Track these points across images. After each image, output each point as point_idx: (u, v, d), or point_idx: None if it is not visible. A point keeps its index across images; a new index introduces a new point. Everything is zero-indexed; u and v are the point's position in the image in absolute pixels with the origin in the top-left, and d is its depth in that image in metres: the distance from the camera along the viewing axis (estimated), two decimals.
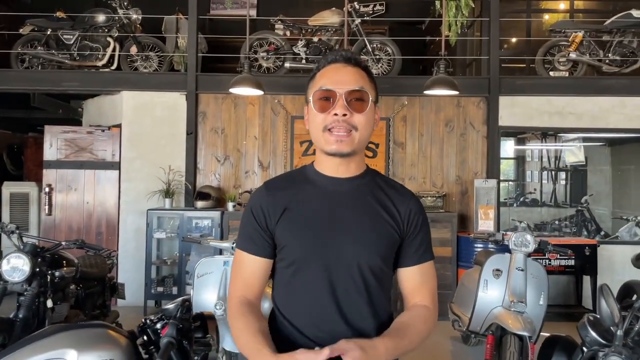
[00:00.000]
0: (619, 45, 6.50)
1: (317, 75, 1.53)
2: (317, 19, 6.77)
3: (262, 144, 6.54)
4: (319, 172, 1.55)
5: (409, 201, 1.56)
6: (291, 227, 1.49)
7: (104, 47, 6.79)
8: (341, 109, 1.45)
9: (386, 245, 1.52)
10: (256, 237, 1.51)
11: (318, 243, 1.47)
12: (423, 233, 1.57)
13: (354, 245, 1.47)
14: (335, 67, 1.51)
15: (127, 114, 6.46)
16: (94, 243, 6.31)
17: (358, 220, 1.50)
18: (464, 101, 6.46)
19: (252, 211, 1.53)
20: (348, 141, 1.45)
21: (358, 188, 1.53)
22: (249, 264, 1.52)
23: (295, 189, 1.54)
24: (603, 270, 6.12)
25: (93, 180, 6.46)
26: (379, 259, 1.50)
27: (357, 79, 1.49)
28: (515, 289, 3.78)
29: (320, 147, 1.51)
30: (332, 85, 1.47)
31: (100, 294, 4.79)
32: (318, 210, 1.50)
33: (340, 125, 1.45)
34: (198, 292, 3.94)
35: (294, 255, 1.48)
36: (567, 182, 9.72)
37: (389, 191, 1.56)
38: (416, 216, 1.55)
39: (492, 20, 6.39)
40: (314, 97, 1.48)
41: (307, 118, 1.55)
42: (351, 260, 1.47)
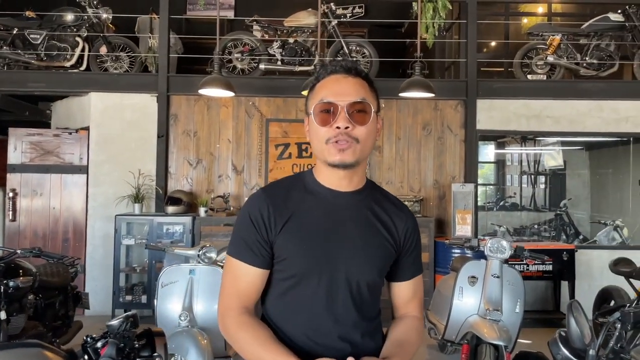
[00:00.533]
0: (596, 49, 6.47)
1: (316, 87, 1.50)
2: (292, 19, 6.63)
3: (236, 148, 6.37)
4: (319, 183, 1.52)
5: (407, 218, 1.57)
6: (293, 239, 1.45)
7: (73, 47, 6.57)
8: (343, 121, 1.42)
9: (384, 261, 1.53)
10: (255, 246, 1.46)
11: (320, 258, 1.45)
12: (417, 249, 1.61)
13: (355, 261, 1.47)
14: (336, 79, 1.48)
15: (96, 116, 6.25)
16: (60, 250, 6.15)
17: (359, 236, 1.49)
18: (442, 104, 6.37)
19: (251, 218, 1.47)
20: (350, 151, 1.43)
21: (359, 202, 1.53)
22: (246, 275, 1.47)
23: (296, 198, 1.50)
24: (581, 275, 6.06)
25: (59, 185, 6.23)
26: (376, 274, 1.51)
27: (358, 90, 1.46)
28: (490, 296, 3.68)
29: (322, 158, 1.48)
30: (333, 97, 1.44)
31: (62, 304, 4.58)
32: (321, 223, 1.47)
33: (342, 139, 1.42)
34: (162, 302, 3.76)
35: (294, 269, 1.46)
36: (547, 186, 9.73)
37: (387, 206, 1.56)
38: (413, 234, 1.58)
39: (470, 22, 6.31)
40: (315, 110, 1.45)
41: (308, 129, 1.52)
42: (351, 276, 1.46)
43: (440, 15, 6.25)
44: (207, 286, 3.70)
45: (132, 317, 1.81)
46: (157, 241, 5.80)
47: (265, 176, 6.31)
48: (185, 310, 3.62)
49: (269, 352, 1.37)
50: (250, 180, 6.35)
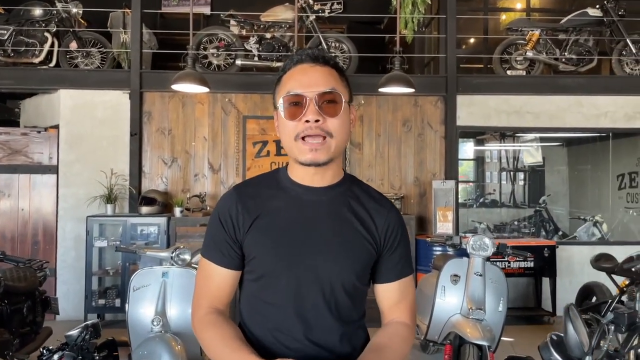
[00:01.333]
0: (575, 44, 6.45)
1: (283, 79, 1.41)
2: (269, 14, 6.49)
3: (212, 146, 6.20)
4: (292, 180, 1.43)
5: (388, 213, 1.46)
6: (262, 237, 1.38)
7: (41, 42, 6.34)
8: (313, 114, 1.32)
9: (362, 261, 1.42)
10: (224, 247, 1.40)
11: (290, 257, 1.36)
12: (402, 247, 1.47)
13: (328, 262, 1.37)
14: (302, 68, 1.38)
15: (65, 114, 6.03)
16: (30, 253, 5.92)
17: (333, 234, 1.39)
18: (422, 100, 6.29)
19: (219, 218, 1.42)
20: (323, 149, 1.34)
21: (334, 198, 1.43)
22: (216, 276, 1.42)
23: (267, 196, 1.43)
24: (562, 271, 6.04)
25: (28, 185, 5.99)
26: (353, 276, 1.40)
27: (328, 79, 1.36)
28: (473, 295, 3.59)
29: (293, 156, 1.39)
30: (301, 88, 1.34)
31: (30, 309, 4.37)
32: (291, 221, 1.39)
33: (313, 133, 1.32)
34: (134, 307, 3.60)
35: (263, 269, 1.38)
36: (526, 183, 9.74)
37: (366, 202, 1.45)
38: (395, 229, 1.45)
39: (449, 17, 6.24)
40: (283, 104, 1.36)
41: (277, 125, 1.42)
42: (323, 277, 1.37)
43: (419, 10, 6.17)
44: (181, 289, 3.55)
45: (92, 327, 1.67)
46: (131, 243, 5.61)
47: (243, 174, 6.16)
48: (158, 314, 3.47)
49: (232, 350, 1.30)
50: (228, 179, 6.19)
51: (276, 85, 1.43)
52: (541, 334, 5.52)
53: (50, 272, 5.71)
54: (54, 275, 5.92)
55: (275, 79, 1.44)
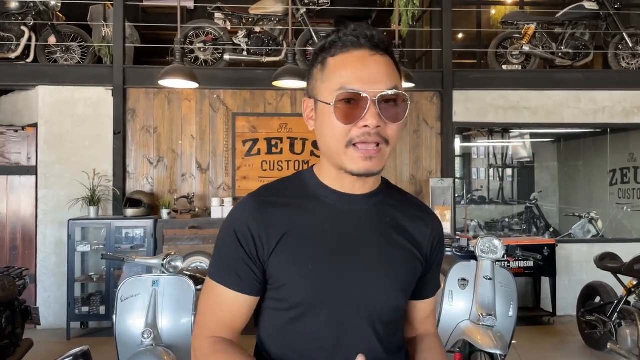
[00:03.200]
0: (571, 38, 6.33)
1: (330, 63, 1.12)
2: (258, 7, 6.24)
3: (200, 144, 5.94)
4: (325, 186, 1.19)
5: (433, 224, 1.26)
6: (294, 260, 1.13)
7: (18, 37, 6.01)
8: (374, 119, 1.07)
9: (411, 280, 1.23)
10: (242, 269, 1.15)
11: (331, 283, 1.13)
12: (442, 261, 1.33)
13: (376, 284, 1.15)
14: (361, 56, 1.10)
15: (44, 112, 5.71)
16: (8, 259, 5.61)
17: (379, 251, 1.17)
18: (417, 96, 6.11)
19: (236, 234, 1.15)
20: (378, 158, 1.11)
21: (375, 207, 1.20)
22: (229, 302, 1.17)
23: (295, 206, 1.17)
24: (561, 270, 5.91)
25: (5, 188, 5.67)
26: (403, 298, 1.22)
27: (390, 75, 1.11)
28: (483, 300, 3.41)
29: (339, 163, 1.13)
30: (361, 85, 1.08)
31: (8, 320, 4.09)
32: (329, 237, 1.15)
33: (371, 140, 1.09)
34: (122, 318, 3.35)
35: (297, 298, 1.14)
36: (514, 179, 9.65)
37: (408, 210, 1.25)
38: (439, 243, 1.28)
39: (445, 10, 6.06)
40: (336, 102, 1.08)
41: (313, 116, 1.16)
42: (373, 305, 1.15)
43: (414, 3, 5.98)
44: (173, 299, 3.31)
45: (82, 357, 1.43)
46: (116, 247, 5.35)
47: (233, 174, 5.92)
48: (149, 326, 3.22)
49: None
50: (217, 179, 5.94)
51: (317, 68, 1.15)
52: (543, 335, 5.41)
53: (30, 278, 5.41)
54: (34, 282, 5.62)
55: (313, 58, 1.16)
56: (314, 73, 1.16)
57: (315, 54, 1.16)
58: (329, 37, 1.14)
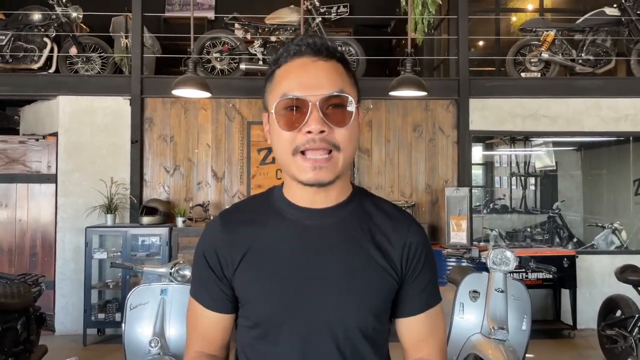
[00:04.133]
0: (592, 45, 6.20)
1: (276, 75, 1.12)
2: (274, 17, 6.28)
3: (215, 153, 5.99)
4: (289, 202, 1.17)
5: (407, 231, 1.18)
6: (255, 276, 1.12)
7: (40, 48, 6.15)
8: (317, 123, 1.05)
9: (381, 297, 1.15)
10: (211, 287, 1.17)
11: (292, 300, 1.11)
12: (428, 270, 1.19)
13: (341, 302, 1.11)
14: (302, 64, 1.09)
15: (64, 121, 5.83)
16: (28, 266, 5.72)
17: (344, 266, 1.12)
18: (433, 104, 6.05)
19: (204, 254, 1.18)
20: (329, 167, 1.07)
21: (343, 220, 1.15)
22: (206, 318, 1.20)
23: (259, 223, 1.17)
24: (581, 282, 5.76)
25: (26, 195, 5.79)
26: (371, 317, 1.13)
27: (334, 79, 1.08)
28: (495, 313, 3.34)
29: (290, 174, 1.12)
30: (301, 90, 1.06)
31: (24, 327, 4.16)
32: (291, 253, 1.13)
33: (317, 147, 1.05)
34: (131, 326, 3.39)
35: (259, 315, 1.13)
36: (537, 188, 9.48)
37: (381, 220, 1.18)
38: (418, 249, 1.17)
39: (461, 17, 6.01)
40: (277, 109, 1.08)
41: (268, 130, 1.16)
42: (335, 322, 1.10)
43: (429, 11, 5.94)
44: (181, 308, 3.32)
45: None
46: (132, 254, 5.41)
47: (248, 182, 5.94)
48: (156, 335, 3.25)
49: None
50: (232, 187, 5.97)
51: (267, 82, 1.15)
52: (562, 348, 5.27)
53: (49, 285, 5.52)
54: (53, 288, 5.72)
55: (267, 75, 1.16)
56: (266, 86, 1.16)
57: (269, 71, 1.16)
58: (278, 52, 1.15)
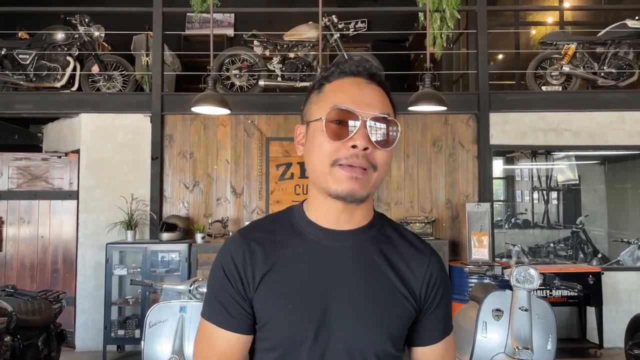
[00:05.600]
0: (614, 57, 6.11)
1: (326, 88, 1.13)
2: (293, 33, 6.32)
3: (234, 169, 6.01)
4: (310, 221, 1.16)
5: (429, 261, 1.18)
6: (275, 297, 1.11)
7: (63, 66, 6.27)
8: (363, 139, 1.06)
9: (399, 324, 1.14)
10: (231, 306, 1.13)
11: (312, 322, 1.09)
12: (446, 301, 1.21)
13: (359, 326, 1.10)
14: (357, 82, 1.12)
15: (86, 139, 5.91)
16: (49, 282, 5.78)
17: (364, 291, 1.11)
18: (452, 119, 6.00)
19: (224, 270, 1.14)
20: (364, 180, 1.08)
21: (363, 244, 1.15)
22: (221, 342, 1.14)
23: (279, 243, 1.15)
24: (607, 299, 5.62)
25: (48, 212, 5.87)
26: (389, 342, 1.12)
27: (385, 103, 1.12)
28: (519, 332, 3.27)
29: (322, 185, 1.11)
30: (354, 105, 1.07)
31: (45, 343, 4.19)
32: (311, 274, 1.12)
33: (357, 163, 1.06)
34: (150, 344, 3.38)
35: (277, 338, 1.11)
36: (560, 202, 9.31)
37: (402, 248, 1.18)
38: (438, 281, 1.18)
39: (480, 32, 5.97)
40: (327, 117, 1.07)
41: (302, 142, 1.16)
42: (353, 347, 1.09)
43: (448, 26, 5.92)
44: None
45: None
46: (152, 270, 5.42)
47: (267, 198, 5.94)
48: (175, 353, 3.24)
49: None
50: (251, 202, 5.97)
51: (312, 93, 1.16)
52: None
53: (70, 301, 5.56)
54: (74, 305, 5.76)
55: (312, 85, 1.18)
56: (310, 97, 1.16)
57: (317, 83, 1.17)
58: (330, 68, 1.16)
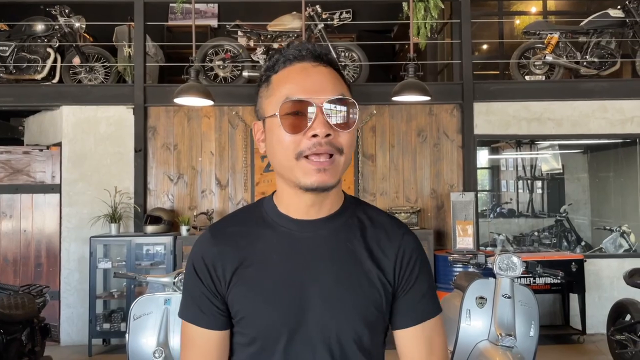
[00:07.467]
0: (596, 47, 6.16)
1: (273, 80, 1.09)
2: (277, 24, 6.28)
3: (219, 160, 5.97)
4: (281, 213, 1.14)
5: (401, 239, 1.15)
6: (249, 291, 1.09)
7: (44, 58, 6.17)
8: (322, 127, 1.03)
9: (374, 309, 1.11)
10: (204, 304, 1.12)
11: (288, 314, 1.08)
12: (423, 279, 1.15)
13: (334, 314, 1.08)
14: (303, 68, 1.08)
15: (68, 131, 5.83)
16: (33, 276, 5.71)
17: (338, 278, 1.09)
18: (437, 109, 6.02)
19: (194, 268, 1.14)
20: (332, 169, 1.05)
21: (336, 231, 1.13)
22: (199, 340, 1.14)
23: (250, 236, 1.14)
24: (590, 286, 5.70)
25: (30, 206, 5.80)
26: (365, 329, 1.10)
27: (336, 84, 1.08)
28: (502, 319, 3.30)
29: (293, 179, 1.08)
30: (305, 93, 1.04)
31: (29, 338, 4.15)
32: (283, 266, 1.10)
33: (322, 150, 1.04)
34: (134, 336, 3.36)
35: (254, 330, 1.10)
36: (544, 191, 9.39)
37: (375, 231, 1.15)
38: (412, 258, 1.14)
39: (464, 21, 5.98)
40: (281, 112, 1.04)
41: (263, 138, 1.12)
42: (330, 335, 1.08)
43: (432, 16, 5.92)
44: None
45: None
46: (136, 263, 5.39)
47: (252, 190, 5.92)
48: (160, 346, 3.22)
49: None
50: (236, 194, 5.95)
51: (261, 87, 1.13)
52: (571, 354, 5.20)
53: (54, 295, 5.52)
54: (58, 299, 5.71)
55: (260, 78, 1.14)
56: (260, 92, 1.13)
57: (263, 76, 1.13)
58: (273, 57, 1.12)
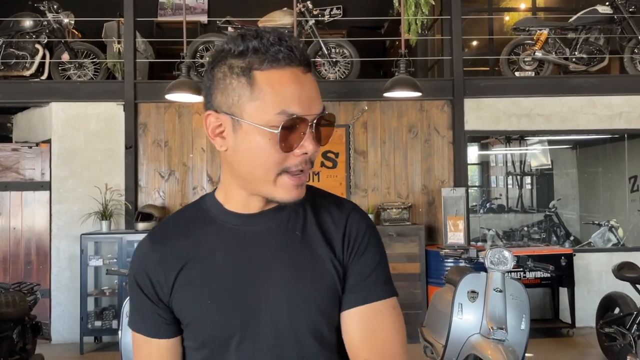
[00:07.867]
0: (585, 43, 6.21)
1: (258, 78, 0.96)
2: (267, 20, 6.26)
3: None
4: (224, 209, 1.07)
5: (347, 217, 1.07)
6: (194, 294, 1.03)
7: (32, 55, 6.12)
8: (313, 145, 0.98)
9: (329, 297, 1.03)
10: (147, 313, 1.06)
11: (235, 314, 1.01)
12: (371, 256, 1.05)
13: (288, 308, 1.01)
14: (294, 75, 0.97)
15: (57, 128, 5.79)
16: (23, 274, 5.68)
17: (289, 271, 1.02)
18: (427, 105, 6.04)
19: (135, 279, 1.07)
20: (305, 182, 1.03)
21: (282, 222, 1.06)
22: (149, 349, 1.07)
23: (192, 236, 1.06)
24: (579, 280, 5.76)
25: (20, 203, 5.75)
26: (322, 319, 1.02)
27: (319, 94, 1.01)
28: (493, 313, 3.33)
29: (262, 191, 1.01)
30: (301, 108, 0.96)
31: (20, 336, 4.12)
32: (229, 264, 1.03)
33: (307, 167, 1.00)
34: (127, 334, 3.35)
35: (203, 335, 1.03)
36: (533, 187, 9.48)
37: (322, 215, 1.08)
38: (359, 234, 1.06)
39: (454, 18, 6.01)
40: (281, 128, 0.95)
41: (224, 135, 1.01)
42: (284, 330, 1.01)
43: (422, 12, 5.93)
44: None
45: None
46: (128, 260, 5.36)
47: None
48: None
49: None
50: None
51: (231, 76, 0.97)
52: (561, 347, 5.26)
53: (45, 293, 5.48)
54: (49, 297, 5.67)
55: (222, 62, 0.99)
56: (234, 86, 0.97)
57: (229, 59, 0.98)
58: (248, 42, 0.97)
